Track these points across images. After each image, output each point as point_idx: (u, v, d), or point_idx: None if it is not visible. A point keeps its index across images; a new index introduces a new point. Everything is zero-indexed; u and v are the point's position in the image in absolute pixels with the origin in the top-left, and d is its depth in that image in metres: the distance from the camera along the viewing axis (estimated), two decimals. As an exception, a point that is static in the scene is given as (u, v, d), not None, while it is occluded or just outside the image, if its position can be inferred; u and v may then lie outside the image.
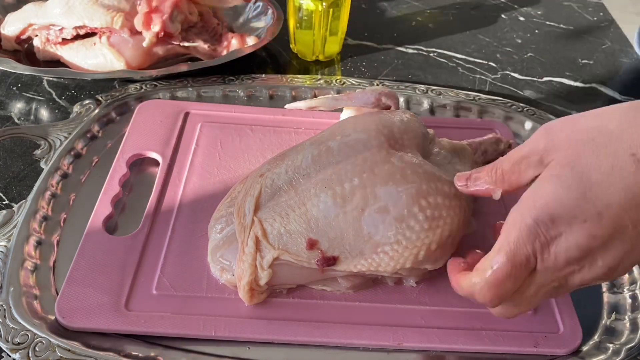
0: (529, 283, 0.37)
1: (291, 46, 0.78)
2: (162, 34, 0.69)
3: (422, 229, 0.43)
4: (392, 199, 0.43)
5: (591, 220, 0.34)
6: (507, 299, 0.38)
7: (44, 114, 0.66)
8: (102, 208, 0.52)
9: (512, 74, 0.77)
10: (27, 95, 0.68)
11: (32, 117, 0.65)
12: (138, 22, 0.68)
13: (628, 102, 0.36)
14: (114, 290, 0.46)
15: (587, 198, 0.34)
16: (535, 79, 0.76)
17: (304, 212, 0.44)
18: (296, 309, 0.46)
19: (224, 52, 0.73)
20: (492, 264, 0.37)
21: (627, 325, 0.47)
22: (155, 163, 0.58)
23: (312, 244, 0.44)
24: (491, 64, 0.79)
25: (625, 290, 0.50)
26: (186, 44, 0.72)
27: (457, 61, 0.79)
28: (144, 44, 0.69)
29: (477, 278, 0.38)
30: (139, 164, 0.58)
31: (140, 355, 0.43)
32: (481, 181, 0.41)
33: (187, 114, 0.63)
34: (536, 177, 0.37)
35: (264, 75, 0.71)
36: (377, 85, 0.70)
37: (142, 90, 0.67)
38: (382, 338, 0.44)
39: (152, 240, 0.50)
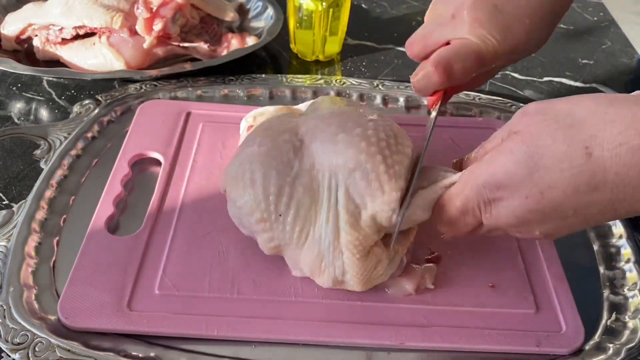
0: (479, 228, 0.43)
1: (291, 46, 0.78)
2: (162, 33, 0.69)
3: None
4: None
5: (532, 197, 0.37)
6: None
7: (44, 114, 0.66)
8: (104, 208, 0.52)
9: (512, 74, 0.77)
10: (27, 95, 0.68)
11: (31, 117, 0.65)
12: (140, 28, 0.68)
13: (607, 95, 0.38)
14: (116, 290, 0.46)
15: (532, 177, 0.37)
16: (535, 79, 0.76)
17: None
18: (298, 308, 0.46)
19: (224, 53, 0.73)
20: (448, 209, 0.42)
21: (628, 325, 0.47)
22: (157, 163, 0.58)
23: None
24: (491, 64, 0.79)
25: (625, 290, 0.50)
26: (186, 44, 0.72)
27: (457, 61, 0.79)
28: (145, 45, 0.69)
29: (435, 215, 0.44)
30: (141, 164, 0.58)
31: (140, 355, 0.43)
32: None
33: (188, 114, 0.63)
34: None
35: (264, 75, 0.71)
36: (377, 85, 0.70)
37: (142, 90, 0.67)
38: (385, 337, 0.44)
39: (154, 240, 0.50)
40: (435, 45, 0.50)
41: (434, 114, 0.50)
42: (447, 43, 0.50)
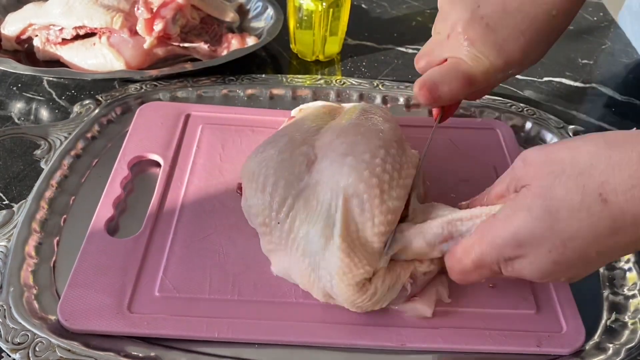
0: (497, 275, 0.42)
1: (291, 46, 0.78)
2: (162, 33, 0.69)
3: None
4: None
5: (555, 250, 0.37)
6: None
7: (44, 114, 0.66)
8: (103, 210, 0.52)
9: (512, 74, 0.77)
10: (27, 95, 0.68)
11: (32, 117, 0.65)
12: (140, 28, 0.68)
13: (602, 133, 0.38)
14: (116, 292, 0.46)
15: (554, 230, 0.37)
16: (535, 79, 0.76)
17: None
18: (299, 310, 0.46)
19: (224, 53, 0.73)
20: (463, 261, 0.42)
21: (627, 325, 0.47)
22: (157, 165, 0.58)
23: None
24: (491, 64, 0.79)
25: (625, 290, 0.50)
26: (186, 45, 0.72)
27: (457, 61, 0.79)
28: (145, 46, 0.69)
29: (449, 263, 0.44)
30: (140, 166, 0.58)
31: (141, 355, 0.43)
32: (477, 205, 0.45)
33: (188, 116, 0.63)
34: None
35: (264, 75, 0.71)
36: (377, 85, 0.70)
37: (142, 90, 0.67)
38: (386, 339, 0.44)
39: (154, 242, 0.50)
40: (435, 62, 0.50)
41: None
42: (446, 60, 0.49)
